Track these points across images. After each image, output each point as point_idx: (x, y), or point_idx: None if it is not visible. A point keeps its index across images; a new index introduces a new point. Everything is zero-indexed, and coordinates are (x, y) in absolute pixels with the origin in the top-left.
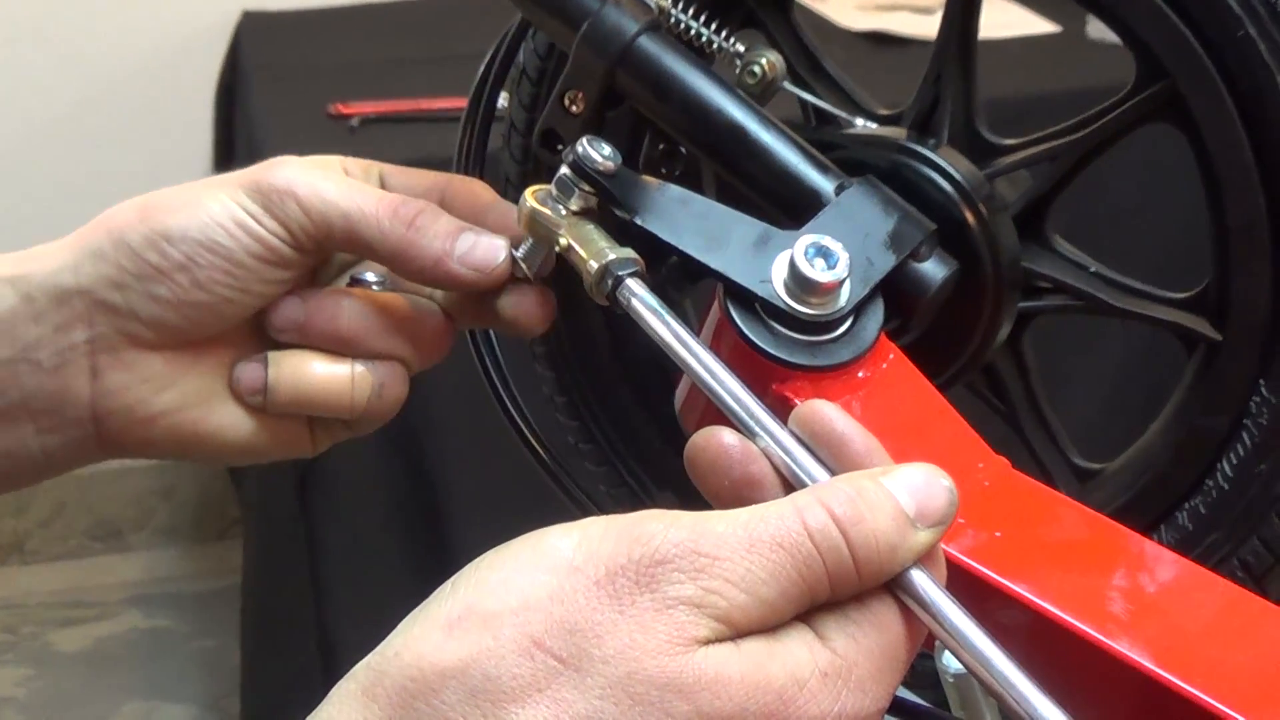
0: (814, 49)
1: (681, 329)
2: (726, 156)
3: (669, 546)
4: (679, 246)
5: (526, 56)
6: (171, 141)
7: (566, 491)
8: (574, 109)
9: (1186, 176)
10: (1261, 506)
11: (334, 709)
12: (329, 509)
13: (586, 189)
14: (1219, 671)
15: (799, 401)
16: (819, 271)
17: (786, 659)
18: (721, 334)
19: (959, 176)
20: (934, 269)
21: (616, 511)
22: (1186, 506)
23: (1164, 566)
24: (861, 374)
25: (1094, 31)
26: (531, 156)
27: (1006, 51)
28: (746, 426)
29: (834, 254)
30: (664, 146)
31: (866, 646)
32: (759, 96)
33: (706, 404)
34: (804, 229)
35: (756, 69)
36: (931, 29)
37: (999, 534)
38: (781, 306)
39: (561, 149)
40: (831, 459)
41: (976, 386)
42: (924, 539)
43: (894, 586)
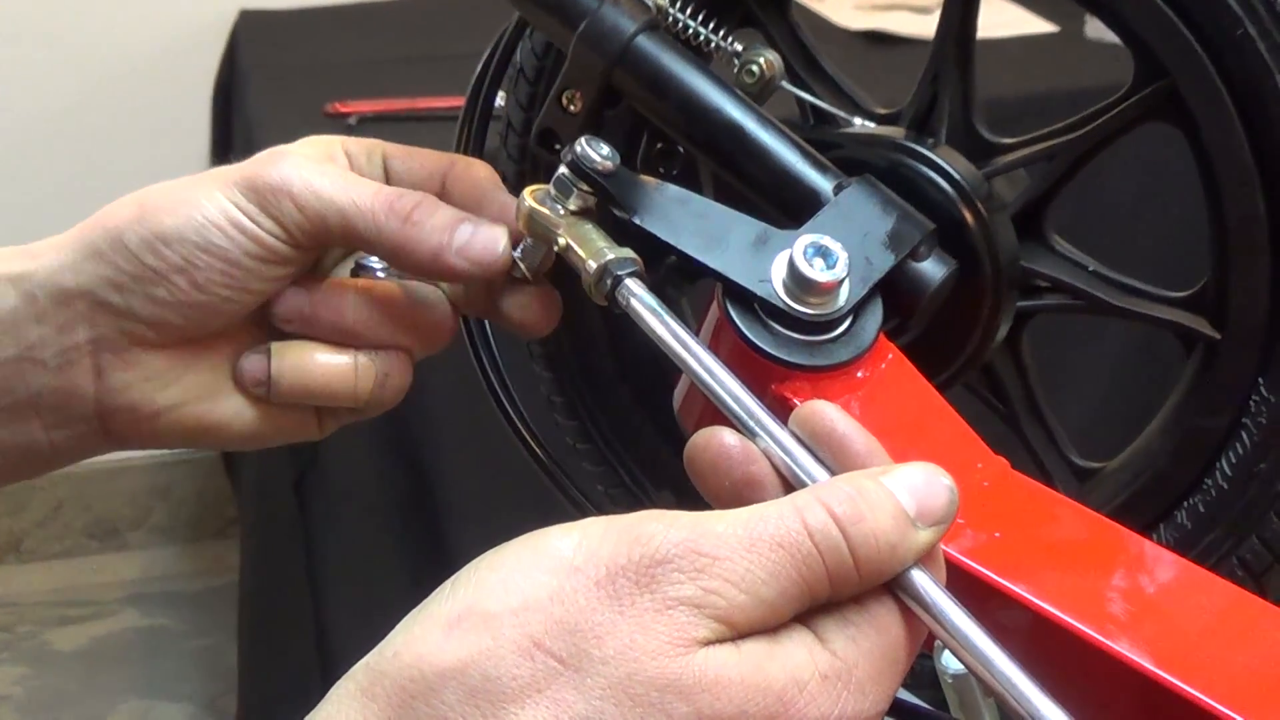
0: (812, 48)
1: (680, 329)
2: (725, 156)
3: (669, 546)
4: (677, 246)
5: (524, 56)
6: (169, 140)
7: (564, 491)
8: (572, 108)
9: (1185, 175)
10: (1261, 505)
11: (333, 709)
12: (326, 508)
13: (585, 188)
14: (1218, 672)
15: (798, 401)
16: (818, 271)
17: (786, 661)
18: (720, 334)
19: (957, 176)
20: (933, 268)
21: (615, 511)
22: (1185, 505)
23: (1163, 567)
24: (860, 374)
25: (1092, 31)
26: (529, 156)
27: (1004, 51)
28: (746, 427)
29: (833, 253)
30: (662, 146)
31: (866, 648)
32: (757, 96)
33: (706, 404)
34: (803, 228)
35: (755, 68)
36: (929, 28)
37: (998, 534)
38: (780, 306)
39: (559, 148)
40: (832, 459)
41: (975, 386)
42: (925, 538)
43: (894, 587)
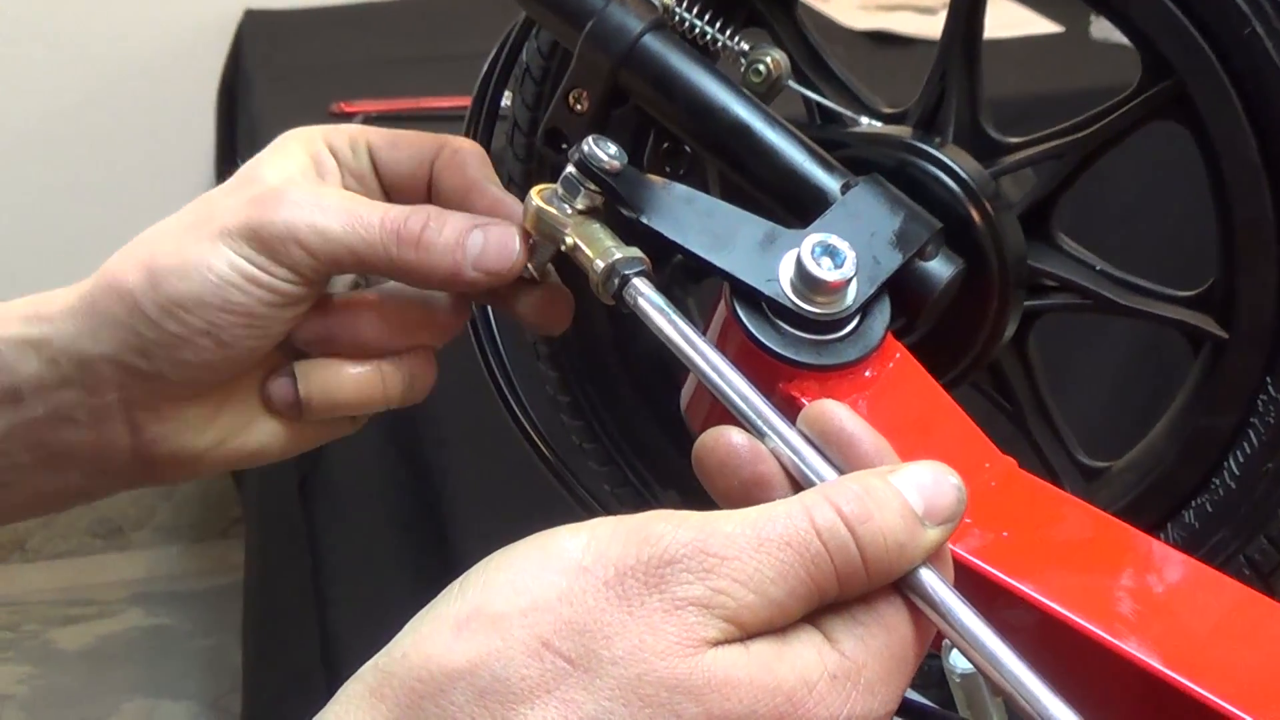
0: (819, 47)
1: (688, 328)
2: (731, 155)
3: (677, 547)
4: (685, 245)
5: (530, 55)
6: (174, 140)
7: (570, 491)
8: (579, 108)
9: (1192, 174)
10: (1268, 505)
11: (341, 709)
12: (330, 508)
13: (592, 188)
14: (1227, 671)
15: (806, 401)
16: (826, 270)
17: (795, 661)
18: (728, 333)
19: (965, 175)
20: (940, 268)
21: (621, 511)
22: (1193, 505)
23: (1171, 566)
24: (868, 373)
25: (1098, 31)
26: (535, 155)
27: (1009, 51)
28: (755, 426)
29: (840, 253)
30: (669, 145)
31: (875, 648)
32: (764, 95)
33: (713, 404)
34: (810, 228)
35: (761, 67)
36: (933, 29)
37: (1006, 534)
38: (788, 305)
39: (566, 148)
40: (840, 459)
41: (982, 385)
42: (933, 537)
43: (903, 586)
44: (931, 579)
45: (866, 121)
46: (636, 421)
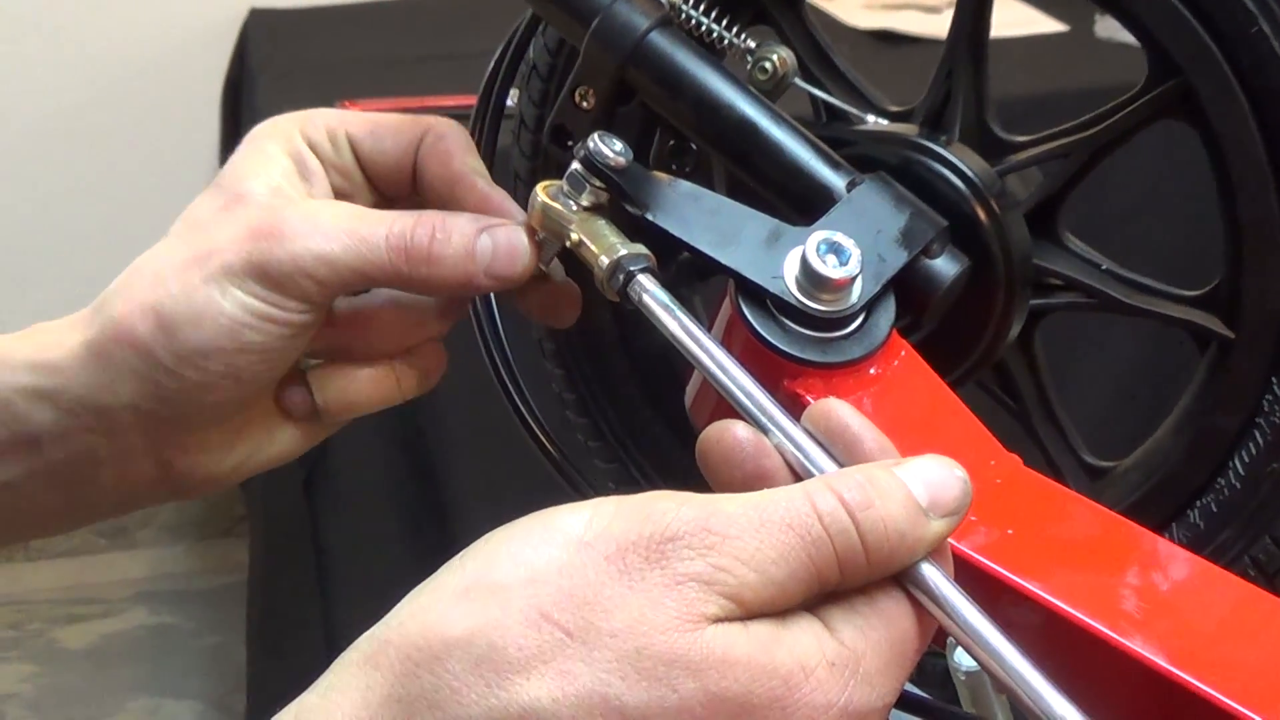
0: (825, 45)
1: (694, 324)
2: (738, 153)
3: (680, 524)
4: (690, 242)
5: (536, 52)
6: (178, 138)
7: (575, 488)
8: (585, 105)
9: (1198, 173)
10: (1274, 505)
11: (335, 678)
12: (334, 506)
13: (598, 184)
14: (1232, 670)
15: (810, 398)
16: (831, 268)
17: (794, 646)
18: (733, 330)
19: (971, 173)
20: (946, 266)
21: None
22: (1198, 504)
23: (1177, 564)
24: (873, 371)
25: (1102, 31)
26: (541, 152)
27: (1015, 50)
28: (759, 422)
29: (846, 250)
30: (674, 142)
31: (875, 639)
32: (770, 93)
33: (718, 400)
34: (816, 225)
35: (768, 65)
36: (939, 28)
37: (1011, 531)
38: (793, 303)
39: (572, 145)
40: (844, 457)
41: (988, 384)
42: (937, 529)
43: (904, 580)
44: (933, 573)
45: (872, 119)
46: (641, 419)
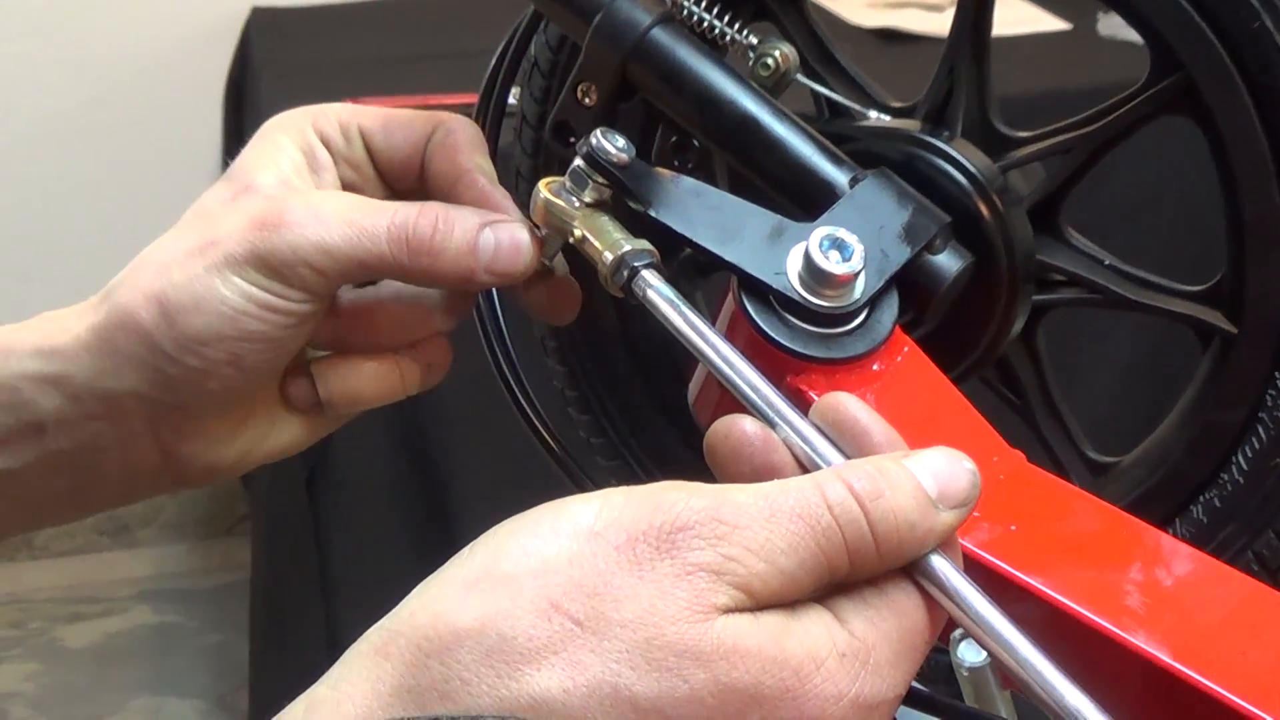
0: (827, 41)
1: (698, 319)
2: (740, 149)
3: (690, 513)
4: (693, 238)
5: (538, 49)
6: (181, 137)
7: (579, 485)
8: (587, 101)
9: (1201, 169)
10: (1277, 500)
11: (345, 669)
12: (338, 504)
13: (600, 181)
14: (1236, 665)
15: (814, 395)
16: (834, 264)
17: (804, 637)
18: (735, 326)
19: (973, 169)
20: (949, 262)
21: None
22: (1201, 500)
23: (1180, 560)
24: (876, 367)
25: (1105, 29)
26: (543, 149)
27: (1017, 49)
28: (766, 416)
29: (849, 246)
30: (677, 139)
31: (885, 631)
32: (772, 89)
33: (722, 396)
34: (818, 221)
35: (770, 61)
36: (941, 26)
37: (1014, 527)
38: (796, 299)
39: (574, 141)
40: (852, 450)
41: (990, 380)
42: (947, 520)
43: (914, 572)
44: (943, 565)
45: (875, 116)
46: (644, 416)
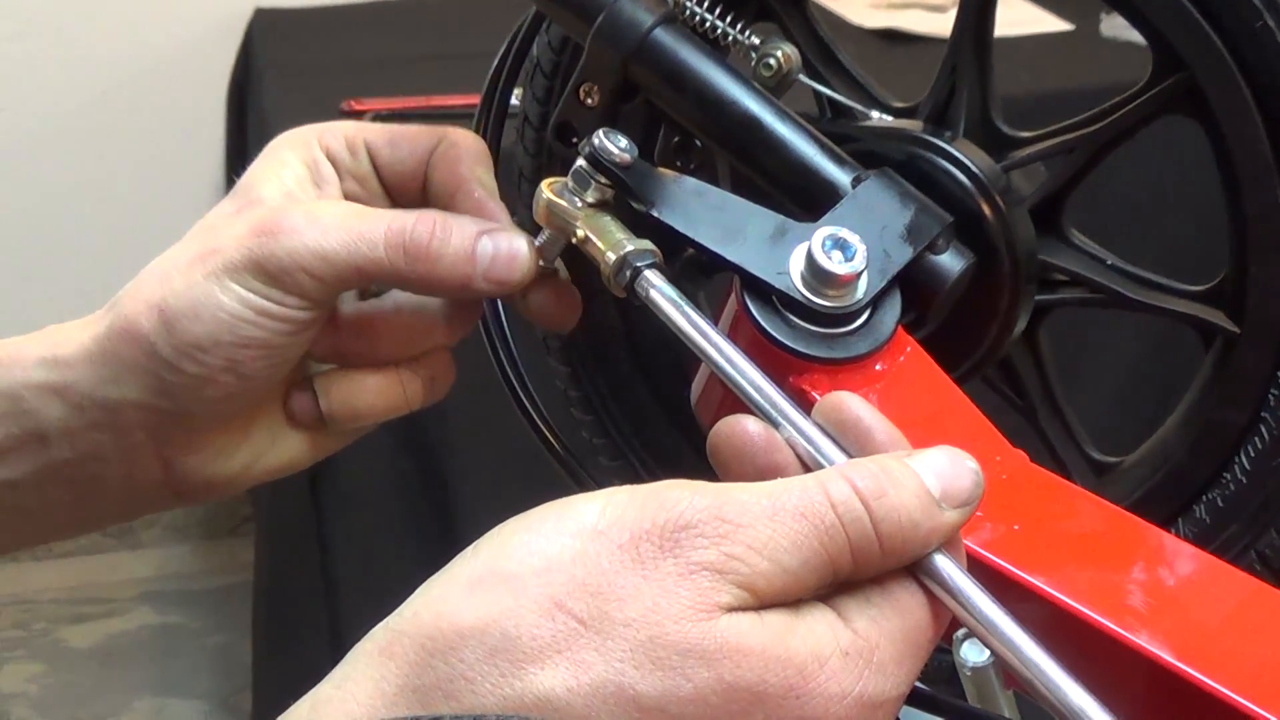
0: (829, 42)
1: (701, 319)
2: (742, 149)
3: (693, 512)
4: (695, 238)
5: (541, 50)
6: (184, 138)
7: (582, 486)
8: (589, 102)
9: (1203, 169)
10: (1279, 500)
11: (350, 668)
12: (341, 505)
13: (603, 181)
14: (1239, 665)
15: (816, 394)
16: (836, 264)
17: (808, 635)
18: (738, 326)
19: (975, 169)
20: (951, 262)
21: None
22: (1204, 500)
23: (1182, 560)
24: (879, 367)
25: (1107, 29)
26: (545, 150)
27: (1019, 49)
28: (769, 416)
29: (851, 246)
30: (679, 139)
31: (889, 629)
32: (775, 89)
33: (725, 396)
34: (821, 221)
35: (772, 61)
36: (944, 27)
37: (1017, 527)
38: (798, 299)
39: (576, 142)
40: (855, 449)
41: (993, 380)
42: (950, 519)
43: (918, 571)
44: (947, 564)
45: (877, 116)
46: (647, 416)
